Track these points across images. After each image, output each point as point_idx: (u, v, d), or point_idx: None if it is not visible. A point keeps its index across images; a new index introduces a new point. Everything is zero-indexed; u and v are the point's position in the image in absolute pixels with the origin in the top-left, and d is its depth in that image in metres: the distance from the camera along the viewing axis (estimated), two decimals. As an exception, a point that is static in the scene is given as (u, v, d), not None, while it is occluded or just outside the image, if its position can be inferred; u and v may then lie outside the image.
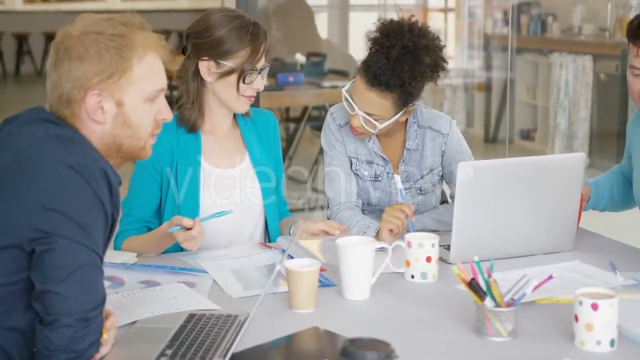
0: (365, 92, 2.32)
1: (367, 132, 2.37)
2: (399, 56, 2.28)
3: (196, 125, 2.35)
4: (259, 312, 1.76)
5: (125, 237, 2.31)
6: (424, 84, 2.35)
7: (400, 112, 2.36)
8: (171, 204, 2.34)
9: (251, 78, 2.29)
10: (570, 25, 7.38)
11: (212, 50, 2.28)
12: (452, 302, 1.89)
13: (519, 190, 2.15)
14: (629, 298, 1.84)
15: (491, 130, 7.91)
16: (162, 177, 2.34)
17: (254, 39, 2.28)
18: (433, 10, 8.78)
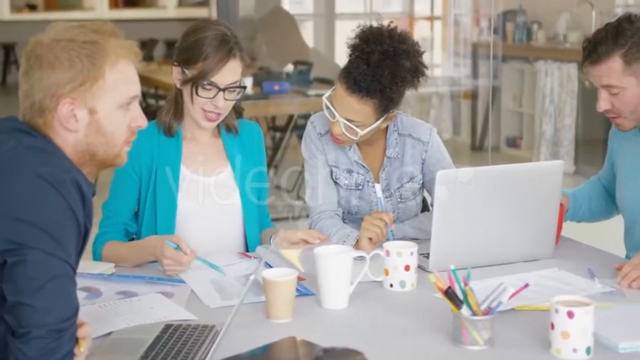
0: (345, 98, 2.32)
1: (348, 139, 2.37)
2: (379, 61, 2.29)
3: (171, 128, 2.35)
4: (236, 322, 1.75)
5: (105, 240, 2.30)
6: (404, 89, 2.35)
7: (381, 118, 2.35)
8: (150, 208, 2.34)
9: (207, 93, 2.27)
10: (556, 33, 7.41)
11: (178, 56, 2.31)
12: (430, 311, 1.89)
13: (498, 198, 2.15)
14: (606, 305, 1.84)
15: (477, 138, 7.93)
16: (142, 180, 2.34)
17: (215, 53, 2.25)
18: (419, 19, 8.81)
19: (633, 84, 2.17)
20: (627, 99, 2.18)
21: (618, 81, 2.16)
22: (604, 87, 2.19)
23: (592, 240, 2.45)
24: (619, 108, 2.21)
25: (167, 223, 2.33)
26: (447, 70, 8.43)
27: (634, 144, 2.36)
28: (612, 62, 2.15)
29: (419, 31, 8.75)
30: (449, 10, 8.45)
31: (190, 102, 2.30)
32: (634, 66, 2.15)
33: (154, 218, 2.34)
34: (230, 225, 2.41)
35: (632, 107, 2.20)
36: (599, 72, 2.19)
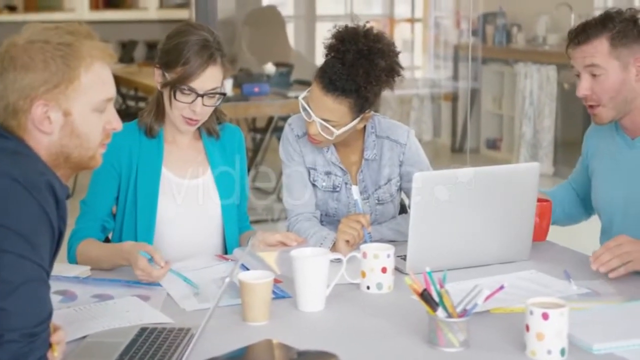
0: (321, 97, 2.32)
1: (324, 139, 2.37)
2: (354, 60, 2.29)
3: (153, 129, 2.34)
4: (212, 325, 1.75)
5: (81, 236, 2.28)
6: (379, 89, 2.35)
7: (357, 118, 2.35)
8: (130, 209, 2.33)
9: (185, 98, 2.25)
10: (535, 35, 7.44)
11: (160, 59, 2.30)
12: (407, 313, 1.89)
13: (474, 200, 2.16)
14: (581, 307, 1.85)
15: (458, 140, 7.95)
16: (121, 178, 2.33)
17: (195, 58, 2.23)
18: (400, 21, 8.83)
19: (616, 68, 2.21)
20: (608, 83, 2.22)
21: (602, 61, 2.21)
22: (588, 67, 2.23)
23: (568, 242, 2.46)
24: (599, 94, 2.24)
25: (146, 225, 2.33)
26: (427, 72, 8.45)
27: (610, 145, 2.37)
28: (598, 43, 2.21)
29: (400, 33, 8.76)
30: (429, 12, 8.47)
31: (169, 106, 2.29)
32: (620, 50, 2.21)
33: (134, 220, 2.33)
34: (210, 228, 2.41)
35: (613, 93, 2.23)
36: (584, 52, 2.23)
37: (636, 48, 2.22)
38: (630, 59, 2.22)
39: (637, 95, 2.26)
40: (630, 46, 2.22)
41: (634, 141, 2.34)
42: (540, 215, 2.32)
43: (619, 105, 2.25)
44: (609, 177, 2.37)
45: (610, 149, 2.37)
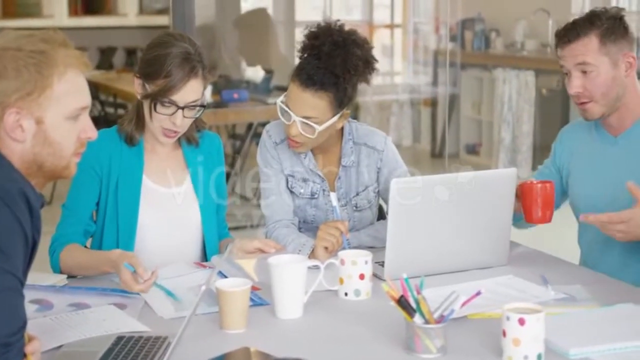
0: (300, 94, 2.32)
1: (305, 139, 2.36)
2: (330, 51, 2.31)
3: (133, 138, 2.34)
4: (189, 333, 1.74)
5: (64, 242, 2.26)
6: (357, 79, 2.35)
7: (337, 114, 2.36)
8: (111, 218, 2.32)
9: (165, 110, 2.24)
10: (513, 41, 7.49)
11: (140, 69, 2.29)
12: (384, 319, 1.89)
13: (452, 206, 2.16)
14: (557, 312, 1.86)
15: (437, 145, 7.98)
16: (102, 182, 2.32)
17: (177, 71, 2.22)
18: (379, 27, 8.84)
19: (606, 64, 2.26)
20: (599, 80, 2.26)
21: (593, 59, 2.25)
22: (579, 65, 2.27)
23: (546, 247, 2.48)
24: (591, 90, 2.27)
25: (128, 233, 2.32)
26: (407, 78, 8.47)
27: (589, 144, 2.38)
28: (588, 40, 2.25)
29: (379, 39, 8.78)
30: (408, 18, 8.50)
31: (149, 117, 2.28)
32: (609, 47, 2.26)
33: (116, 228, 2.32)
34: (190, 235, 2.40)
35: (604, 89, 2.27)
36: (574, 50, 2.27)
37: (624, 44, 2.28)
38: (619, 55, 2.27)
39: (626, 91, 2.30)
40: (619, 42, 2.27)
41: (617, 138, 2.37)
42: (548, 198, 2.28)
43: (610, 101, 2.29)
44: (591, 176, 2.39)
45: (591, 148, 2.38)
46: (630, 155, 2.34)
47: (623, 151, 2.35)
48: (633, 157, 2.33)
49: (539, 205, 2.26)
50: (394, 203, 2.11)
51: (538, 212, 2.27)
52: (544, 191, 2.26)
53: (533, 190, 2.26)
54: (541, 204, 2.26)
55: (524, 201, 2.27)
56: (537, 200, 2.26)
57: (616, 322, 1.81)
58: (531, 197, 2.26)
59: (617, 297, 1.98)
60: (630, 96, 2.32)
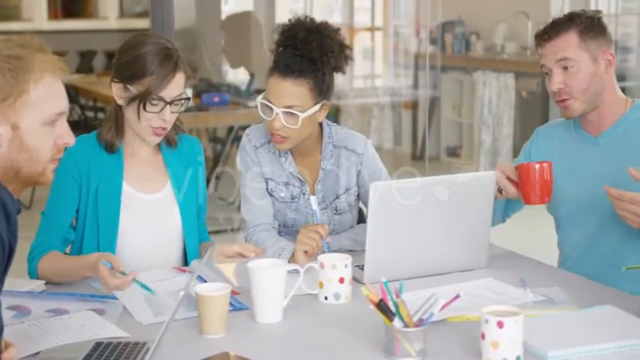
0: (280, 84, 2.34)
1: (289, 134, 2.36)
2: (305, 37, 2.34)
3: (114, 145, 2.32)
4: (168, 338, 1.73)
5: (43, 250, 2.24)
6: (335, 65, 2.37)
7: (318, 103, 2.37)
8: (91, 225, 2.30)
9: (154, 108, 2.24)
10: (493, 44, 7.51)
11: (120, 73, 2.27)
12: (364, 323, 1.89)
13: (431, 209, 2.16)
14: (536, 314, 1.87)
15: (418, 148, 8.00)
16: (81, 189, 2.30)
17: (161, 67, 2.23)
18: (360, 30, 8.86)
19: (586, 60, 2.30)
20: (581, 75, 2.30)
21: (573, 54, 2.30)
22: (560, 61, 2.31)
23: (525, 250, 2.49)
24: (572, 86, 2.31)
25: (108, 240, 2.30)
26: (387, 81, 8.49)
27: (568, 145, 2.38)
28: (568, 36, 2.30)
29: (360, 42, 8.80)
30: (389, 21, 8.51)
31: (136, 119, 2.27)
32: (588, 43, 2.30)
33: (96, 235, 2.30)
34: (171, 240, 2.39)
35: (585, 85, 2.30)
36: (555, 47, 2.32)
37: (602, 42, 2.32)
38: (599, 51, 2.32)
39: (606, 88, 2.34)
40: (598, 39, 2.32)
41: (597, 138, 2.39)
42: (546, 178, 2.25)
43: (590, 97, 2.32)
44: (572, 177, 2.40)
45: (571, 148, 2.39)
46: (611, 154, 2.36)
47: (604, 151, 2.37)
48: (614, 156, 2.35)
49: (538, 187, 2.24)
50: (373, 206, 2.11)
51: (537, 194, 2.24)
52: (542, 172, 2.24)
53: (531, 172, 2.24)
54: (539, 186, 2.24)
55: (522, 183, 2.25)
56: (535, 181, 2.24)
57: (594, 324, 1.82)
58: (529, 178, 2.24)
59: (596, 299, 1.99)
60: (609, 95, 2.35)
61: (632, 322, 1.83)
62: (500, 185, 2.27)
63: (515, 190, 2.27)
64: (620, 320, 1.84)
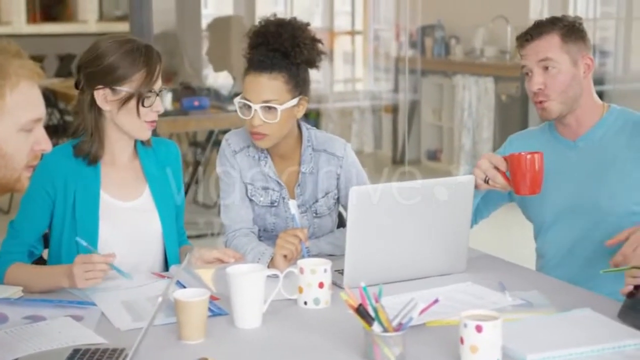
0: (256, 80, 2.36)
1: (269, 131, 2.36)
2: (276, 31, 2.37)
3: (97, 157, 2.30)
4: (147, 344, 1.72)
5: (9, 260, 2.23)
6: (308, 57, 2.39)
7: (295, 97, 2.38)
8: (70, 235, 2.28)
9: (150, 101, 2.27)
10: (473, 47, 7.54)
11: (105, 78, 2.25)
12: (344, 328, 1.89)
13: (410, 214, 2.17)
14: (515, 318, 1.87)
15: (399, 152, 8.01)
16: (56, 204, 2.28)
17: (148, 61, 2.26)
18: (340, 33, 8.87)
19: (567, 62, 2.34)
20: (561, 77, 2.33)
21: (555, 55, 2.33)
22: (541, 62, 2.34)
23: (503, 254, 2.49)
24: (551, 88, 2.33)
25: (88, 251, 2.28)
26: (368, 85, 8.50)
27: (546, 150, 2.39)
28: (551, 38, 2.34)
29: (340, 46, 8.80)
30: (369, 25, 8.53)
31: (133, 119, 2.26)
32: (569, 45, 2.34)
33: (75, 246, 2.27)
34: (151, 247, 2.38)
35: (564, 87, 2.34)
36: (537, 47, 2.35)
37: (583, 46, 2.36)
38: (579, 55, 2.35)
39: (584, 92, 2.37)
40: (578, 43, 2.36)
41: (575, 142, 2.41)
42: (537, 169, 2.24)
43: (568, 100, 2.35)
44: (551, 182, 2.41)
45: (549, 153, 2.41)
46: (590, 158, 2.38)
47: (583, 154, 2.39)
48: (593, 159, 2.38)
49: (528, 177, 2.23)
50: (353, 211, 2.11)
51: (527, 185, 2.24)
52: (533, 162, 2.24)
53: (522, 162, 2.24)
54: (530, 176, 2.23)
55: (512, 174, 2.25)
56: (526, 171, 2.23)
57: (573, 328, 1.83)
58: (520, 169, 2.24)
59: (574, 303, 2.00)
60: (586, 99, 2.38)
61: (610, 325, 1.84)
62: (489, 175, 2.27)
63: (503, 180, 2.26)
64: (599, 324, 1.85)
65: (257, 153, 2.48)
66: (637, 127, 2.36)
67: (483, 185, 2.28)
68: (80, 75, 2.29)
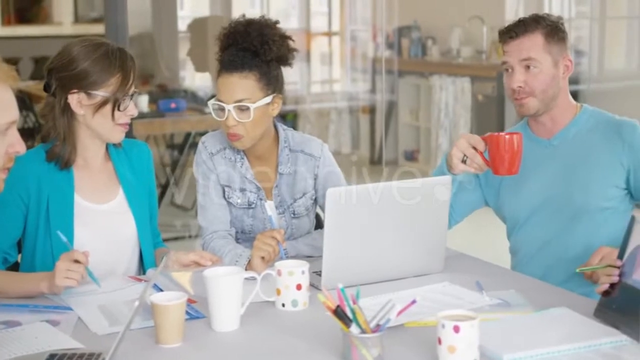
0: (228, 80, 2.36)
1: (244, 131, 2.36)
2: (245, 29, 2.38)
3: (70, 161, 2.29)
4: (124, 348, 1.71)
5: None
6: (278, 53, 2.39)
7: (268, 95, 2.38)
8: (44, 239, 2.26)
9: (125, 104, 2.26)
10: (449, 48, 7.57)
11: (81, 82, 2.24)
12: (322, 330, 1.89)
13: (388, 215, 2.17)
14: (492, 318, 1.88)
15: (376, 152, 8.03)
16: (29, 210, 2.26)
17: (123, 65, 2.25)
18: (317, 34, 8.87)
19: (549, 62, 2.36)
20: (541, 77, 2.35)
21: (538, 55, 2.35)
22: (523, 61, 2.35)
23: (480, 254, 2.50)
24: (532, 86, 2.35)
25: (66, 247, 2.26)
26: (345, 86, 8.51)
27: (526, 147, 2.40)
28: (535, 37, 2.35)
29: (317, 47, 8.80)
30: (345, 25, 8.54)
31: (108, 122, 2.25)
32: (552, 45, 2.36)
33: (50, 250, 2.26)
34: (127, 249, 2.37)
35: (544, 87, 2.36)
36: (521, 45, 2.36)
37: (563, 47, 2.39)
38: (560, 56, 2.38)
39: (560, 93, 2.40)
40: (560, 44, 2.38)
41: (550, 141, 2.44)
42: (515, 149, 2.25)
43: (546, 99, 2.38)
44: (525, 181, 2.43)
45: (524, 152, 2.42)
46: (565, 155, 2.42)
47: (558, 152, 2.42)
48: (568, 157, 2.41)
49: (507, 157, 2.24)
50: (330, 212, 2.11)
51: (505, 165, 2.25)
52: (512, 142, 2.25)
53: (500, 142, 2.25)
54: (509, 157, 2.24)
55: (491, 154, 2.26)
56: (505, 152, 2.24)
57: (549, 327, 1.84)
58: (498, 149, 2.25)
59: (551, 302, 2.00)
60: (562, 99, 2.42)
61: (586, 324, 1.85)
62: (468, 154, 2.27)
63: (481, 160, 2.27)
64: (575, 322, 1.86)
65: (233, 155, 2.48)
66: (609, 125, 2.40)
67: (460, 165, 2.29)
68: (52, 78, 2.27)
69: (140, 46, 7.22)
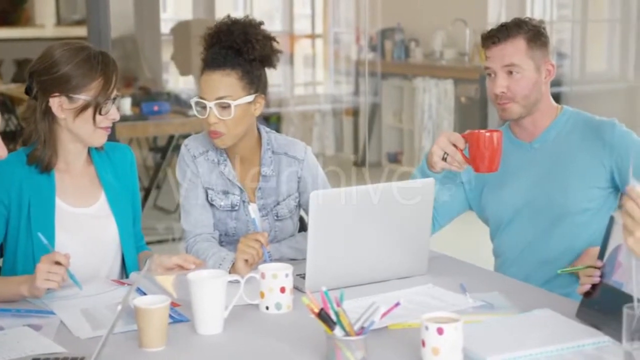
0: (210, 78, 2.37)
1: (226, 129, 2.36)
2: (228, 29, 2.40)
3: (51, 164, 2.27)
4: (107, 352, 1.71)
5: None
6: (262, 53, 2.39)
7: (250, 94, 2.38)
8: (25, 244, 2.25)
9: (107, 109, 2.25)
10: (432, 50, 7.59)
11: (62, 86, 2.22)
12: (306, 333, 1.88)
13: (371, 217, 2.17)
14: (475, 320, 1.89)
15: (360, 154, 8.03)
16: (11, 214, 2.25)
17: (105, 69, 2.24)
18: (300, 37, 8.87)
19: (531, 68, 2.37)
20: (523, 82, 2.36)
21: (520, 61, 2.36)
22: (506, 66, 2.36)
23: (464, 256, 2.51)
24: (514, 91, 2.37)
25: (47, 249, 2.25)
26: (328, 88, 8.51)
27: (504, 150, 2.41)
28: (517, 42, 2.36)
29: (300, 49, 8.80)
30: (329, 28, 8.54)
31: (89, 126, 2.24)
32: (534, 51, 2.37)
33: (32, 255, 2.24)
34: (109, 253, 2.36)
35: (527, 92, 2.37)
36: (503, 50, 2.37)
37: (546, 51, 2.40)
38: (542, 61, 2.39)
39: (542, 97, 2.41)
40: (542, 49, 2.39)
41: (531, 144, 2.46)
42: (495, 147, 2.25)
43: (529, 104, 2.39)
44: (507, 184, 2.44)
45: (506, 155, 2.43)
46: (546, 158, 2.43)
47: (539, 155, 2.44)
48: (549, 159, 2.43)
49: (487, 155, 2.24)
50: (314, 215, 2.11)
51: (485, 163, 2.25)
52: (492, 140, 2.25)
53: (481, 140, 2.25)
54: (489, 154, 2.25)
55: (471, 151, 2.26)
56: (485, 149, 2.24)
57: (533, 328, 1.84)
58: (478, 147, 2.25)
59: (534, 303, 2.01)
60: (544, 103, 2.43)
61: (569, 325, 1.86)
62: (448, 152, 2.28)
63: (461, 157, 2.28)
64: (559, 324, 1.87)
65: (216, 157, 2.47)
66: (588, 126, 2.42)
67: (440, 163, 2.29)
68: (33, 82, 2.26)
69: (122, 49, 7.19)
